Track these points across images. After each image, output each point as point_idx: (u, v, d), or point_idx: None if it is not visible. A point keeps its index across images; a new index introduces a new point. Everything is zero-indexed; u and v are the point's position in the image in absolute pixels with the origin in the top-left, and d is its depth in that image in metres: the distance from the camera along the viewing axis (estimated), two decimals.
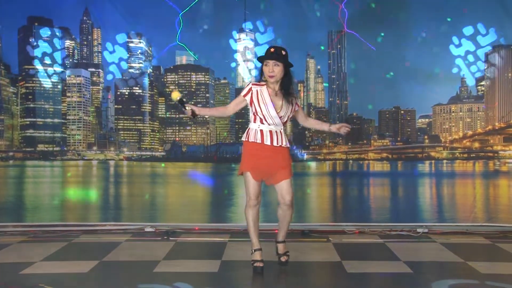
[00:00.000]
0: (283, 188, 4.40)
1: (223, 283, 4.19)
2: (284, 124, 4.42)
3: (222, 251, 5.13)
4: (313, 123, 4.64)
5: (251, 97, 4.34)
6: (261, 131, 4.39)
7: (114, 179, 27.52)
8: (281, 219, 4.48)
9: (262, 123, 4.38)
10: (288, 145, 4.45)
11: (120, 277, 4.34)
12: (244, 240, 5.72)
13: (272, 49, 4.30)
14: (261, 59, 4.37)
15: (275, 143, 4.37)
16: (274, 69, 4.28)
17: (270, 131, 4.38)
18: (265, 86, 4.34)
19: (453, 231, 6.15)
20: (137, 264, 4.70)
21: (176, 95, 4.21)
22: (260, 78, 4.42)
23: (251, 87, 4.35)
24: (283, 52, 4.31)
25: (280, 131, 4.40)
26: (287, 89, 4.37)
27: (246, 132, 4.47)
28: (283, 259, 4.42)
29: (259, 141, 4.38)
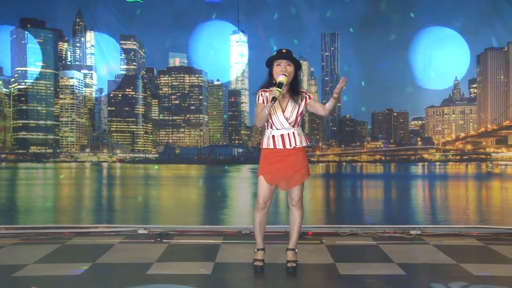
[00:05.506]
0: (293, 190, 4.46)
1: (216, 285, 4.19)
2: (296, 124, 4.44)
3: (215, 253, 5.13)
4: (328, 108, 4.39)
5: (263, 103, 4.35)
6: (273, 136, 4.43)
7: (107, 181, 27.33)
8: (291, 222, 4.52)
9: (272, 128, 4.41)
10: (305, 144, 4.47)
11: (113, 279, 4.33)
12: (237, 242, 5.72)
13: (283, 50, 4.38)
14: (269, 61, 4.40)
15: (287, 146, 4.41)
16: (287, 69, 4.34)
17: (282, 135, 4.41)
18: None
19: (446, 233, 6.18)
20: (130, 266, 4.69)
21: (285, 79, 4.24)
22: (270, 81, 4.43)
23: (260, 93, 4.38)
24: (293, 54, 4.42)
25: (293, 133, 4.44)
26: (295, 91, 4.42)
27: (262, 138, 4.55)
28: (289, 265, 4.44)
29: (271, 146, 4.43)
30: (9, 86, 37.58)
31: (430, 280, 4.25)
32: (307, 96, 4.42)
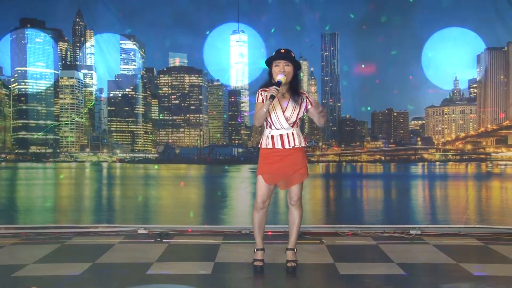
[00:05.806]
0: (292, 190, 4.44)
1: (216, 285, 4.19)
2: (295, 125, 4.43)
3: (215, 253, 5.12)
4: (322, 122, 4.51)
5: (263, 102, 4.34)
6: (272, 136, 4.41)
7: (107, 181, 27.36)
8: (290, 222, 4.51)
9: (271, 128, 4.40)
10: (303, 144, 4.46)
11: (113, 279, 4.33)
12: (237, 242, 5.71)
13: (282, 50, 4.36)
14: (269, 61, 4.40)
15: (286, 146, 4.39)
16: (285, 69, 4.32)
17: (281, 135, 4.40)
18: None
19: (446, 233, 6.17)
20: (130, 266, 4.68)
21: (283, 79, 4.25)
22: (270, 81, 4.43)
23: (260, 93, 4.37)
24: (292, 54, 4.38)
25: (292, 133, 4.41)
26: (295, 90, 4.40)
27: (261, 138, 4.53)
28: (289, 264, 4.43)
29: (270, 146, 4.42)
30: (9, 86, 37.48)
31: (430, 280, 4.25)
32: (307, 101, 4.41)
